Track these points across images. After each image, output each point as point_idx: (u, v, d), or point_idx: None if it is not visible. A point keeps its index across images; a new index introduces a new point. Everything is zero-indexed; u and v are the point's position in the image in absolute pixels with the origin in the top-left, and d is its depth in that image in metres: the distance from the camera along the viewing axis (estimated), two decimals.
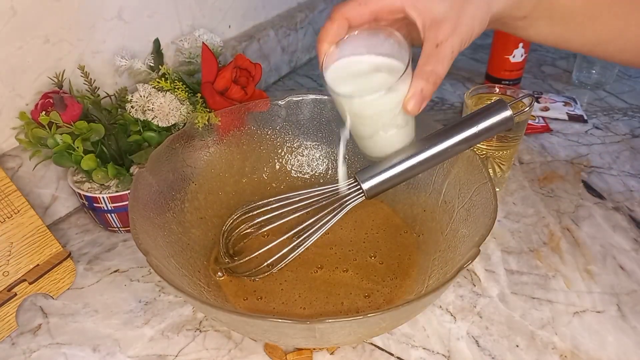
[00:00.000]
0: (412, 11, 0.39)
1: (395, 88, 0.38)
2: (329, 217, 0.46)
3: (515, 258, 0.53)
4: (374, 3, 0.39)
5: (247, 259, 0.47)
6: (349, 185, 0.47)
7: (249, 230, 0.50)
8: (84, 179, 0.55)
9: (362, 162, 0.58)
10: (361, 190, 0.45)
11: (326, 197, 0.48)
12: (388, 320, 0.36)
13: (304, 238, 0.46)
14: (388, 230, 0.53)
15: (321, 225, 0.46)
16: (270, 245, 0.46)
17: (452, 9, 0.38)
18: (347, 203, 0.46)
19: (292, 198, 0.48)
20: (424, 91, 0.38)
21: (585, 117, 0.77)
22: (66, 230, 0.59)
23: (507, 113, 0.43)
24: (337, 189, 0.47)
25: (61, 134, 0.50)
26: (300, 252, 0.47)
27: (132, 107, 0.52)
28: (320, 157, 0.59)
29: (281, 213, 0.47)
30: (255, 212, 0.48)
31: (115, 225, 0.56)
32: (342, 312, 0.45)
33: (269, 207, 0.48)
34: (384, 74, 0.41)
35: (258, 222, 0.48)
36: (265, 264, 0.46)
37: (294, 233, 0.46)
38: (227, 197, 0.55)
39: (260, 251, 0.46)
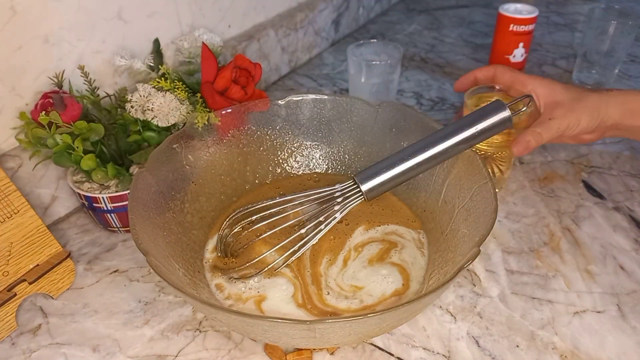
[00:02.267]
0: (538, 98, 0.56)
1: None
2: (328, 220, 0.46)
3: (516, 258, 0.53)
4: (510, 80, 0.58)
5: (246, 265, 0.46)
6: (348, 186, 0.47)
7: (246, 234, 0.50)
8: (83, 179, 0.55)
9: (361, 163, 0.58)
10: (360, 192, 0.45)
11: (325, 199, 0.48)
12: (388, 321, 0.36)
13: (304, 242, 0.46)
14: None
15: (319, 229, 0.46)
16: (266, 253, 0.46)
17: (569, 101, 0.53)
18: (347, 205, 0.46)
19: (291, 201, 0.47)
20: (529, 143, 0.52)
21: None
22: (66, 230, 0.59)
23: (506, 114, 0.43)
24: (336, 190, 0.47)
25: (61, 134, 0.50)
26: (298, 256, 0.47)
27: (131, 107, 0.52)
28: (321, 157, 0.59)
29: (280, 216, 0.47)
30: (253, 215, 0.48)
31: (115, 225, 0.56)
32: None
33: (267, 210, 0.48)
34: None
35: (256, 225, 0.48)
36: (266, 269, 0.46)
37: (292, 239, 0.46)
38: (228, 198, 0.55)
39: (257, 259, 0.46)
